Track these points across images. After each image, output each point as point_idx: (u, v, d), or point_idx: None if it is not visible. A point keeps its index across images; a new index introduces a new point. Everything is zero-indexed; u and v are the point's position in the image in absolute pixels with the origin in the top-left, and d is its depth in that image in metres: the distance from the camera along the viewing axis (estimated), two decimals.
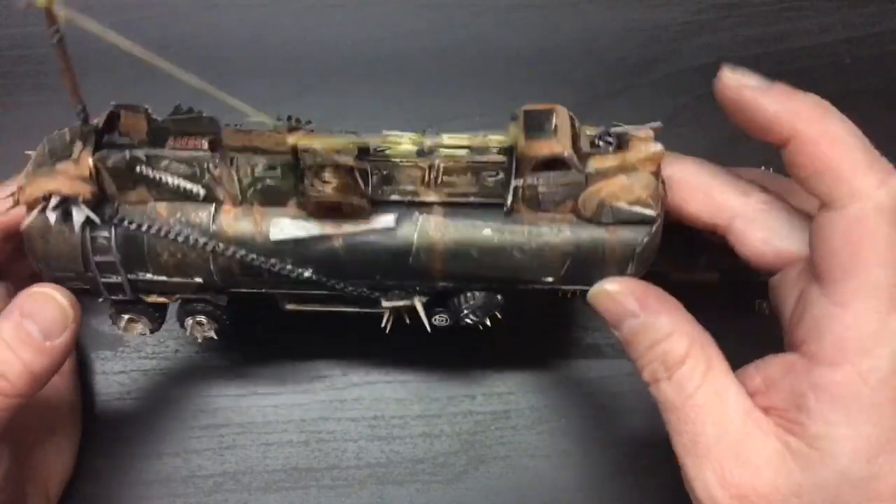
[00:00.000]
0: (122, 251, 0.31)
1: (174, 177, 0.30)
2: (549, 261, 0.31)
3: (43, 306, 0.31)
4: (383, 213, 0.31)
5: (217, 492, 0.40)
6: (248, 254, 0.31)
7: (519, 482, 0.41)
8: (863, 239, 0.26)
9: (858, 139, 0.27)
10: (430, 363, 0.43)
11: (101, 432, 0.41)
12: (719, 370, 0.29)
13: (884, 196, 0.26)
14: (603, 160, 0.30)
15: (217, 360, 0.43)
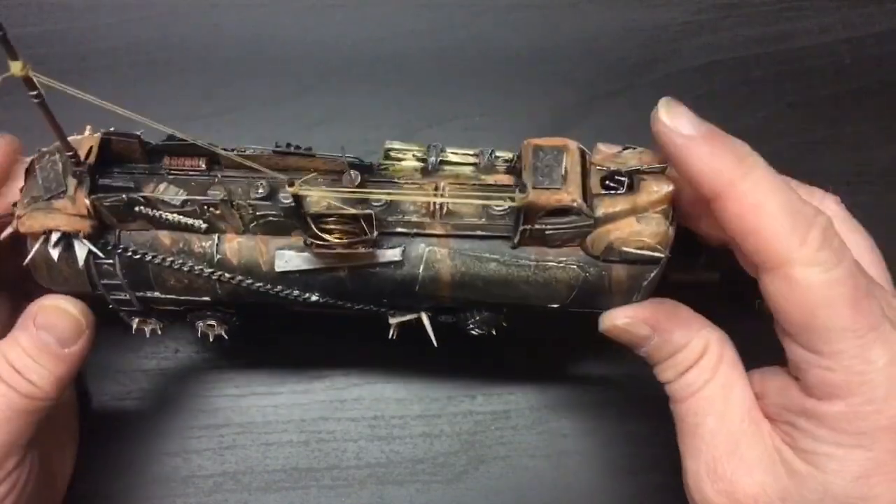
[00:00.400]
0: (128, 276, 0.31)
1: (175, 214, 0.30)
2: (555, 291, 0.31)
3: (56, 319, 0.32)
4: (389, 246, 0.30)
5: (217, 492, 0.40)
6: (253, 282, 0.31)
7: (519, 482, 0.41)
8: (801, 295, 0.27)
9: (778, 199, 0.27)
10: (430, 363, 0.43)
11: (101, 432, 0.41)
12: (729, 366, 0.30)
13: (806, 254, 0.26)
14: (613, 203, 0.29)
15: (217, 360, 0.43)
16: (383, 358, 0.43)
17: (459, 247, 0.30)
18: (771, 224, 0.27)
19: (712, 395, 0.30)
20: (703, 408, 0.30)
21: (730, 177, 0.27)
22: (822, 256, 0.26)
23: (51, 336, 0.31)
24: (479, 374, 0.43)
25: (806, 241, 0.26)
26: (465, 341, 0.43)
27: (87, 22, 0.48)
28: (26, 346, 0.31)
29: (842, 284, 0.27)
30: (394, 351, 0.43)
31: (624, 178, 0.29)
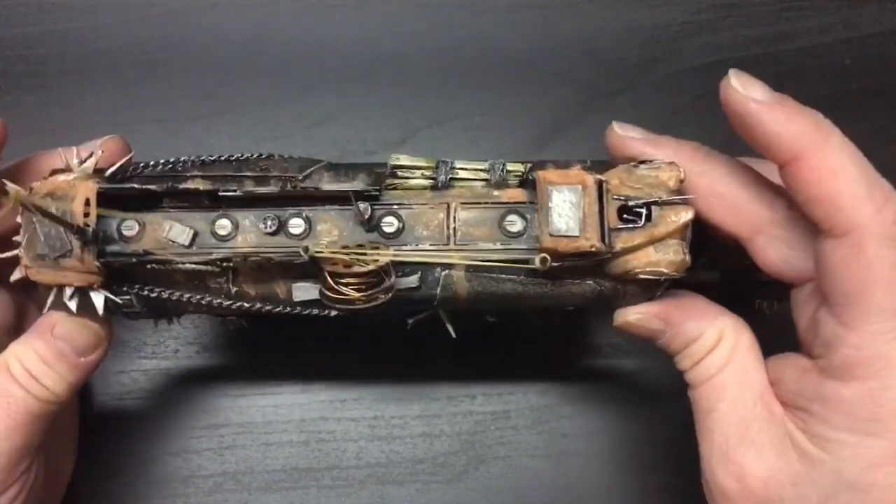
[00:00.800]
0: (147, 306, 0.31)
1: (190, 264, 0.29)
2: (570, 301, 0.32)
3: (76, 333, 0.32)
4: (405, 274, 0.30)
5: (217, 492, 0.40)
6: (273, 307, 0.31)
7: (519, 482, 0.41)
8: (862, 266, 0.27)
9: (857, 165, 0.27)
10: (430, 363, 0.43)
11: (101, 432, 0.41)
12: (744, 352, 0.30)
13: (880, 223, 0.26)
14: (631, 238, 0.29)
15: (217, 360, 0.43)
16: (384, 358, 0.43)
17: (476, 271, 0.30)
18: (849, 188, 0.26)
19: (725, 380, 0.30)
20: (716, 393, 0.30)
21: (809, 139, 0.27)
22: (893, 231, 0.26)
23: (68, 346, 0.32)
24: (479, 374, 0.43)
25: (882, 212, 0.26)
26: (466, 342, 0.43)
27: (87, 22, 0.48)
28: (43, 354, 0.31)
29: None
30: (394, 351, 0.43)
31: (641, 210, 0.29)
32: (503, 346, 0.43)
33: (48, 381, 0.32)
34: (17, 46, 0.48)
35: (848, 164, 0.27)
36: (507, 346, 0.43)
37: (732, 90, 0.28)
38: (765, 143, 0.28)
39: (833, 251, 0.27)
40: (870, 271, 0.26)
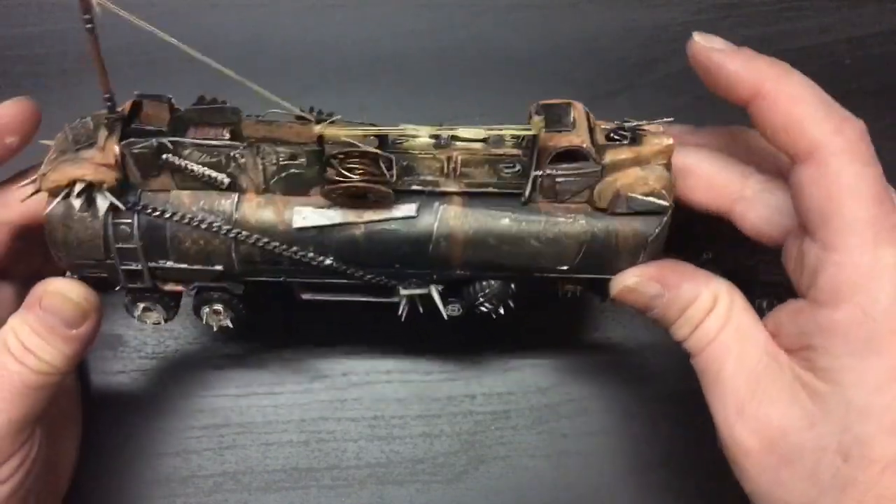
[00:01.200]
0: (145, 238, 0.31)
1: (199, 165, 0.30)
2: (564, 249, 0.32)
3: (60, 305, 0.32)
4: (405, 202, 0.31)
5: (217, 492, 0.40)
6: (270, 241, 0.31)
7: (519, 482, 0.41)
8: (830, 182, 0.27)
9: (814, 93, 0.28)
10: (430, 363, 0.43)
11: (101, 432, 0.41)
12: (741, 311, 0.31)
13: (841, 141, 0.27)
14: (618, 153, 0.31)
15: (217, 360, 0.43)
16: (383, 358, 0.43)
17: (472, 204, 0.31)
18: (808, 112, 0.28)
19: (728, 340, 0.30)
20: (720, 354, 0.30)
21: (767, 75, 0.29)
22: (857, 147, 0.27)
23: (55, 318, 0.32)
24: (479, 374, 0.43)
25: (842, 132, 0.27)
26: (466, 342, 0.43)
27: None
28: (35, 327, 0.32)
29: (869, 181, 0.27)
30: (394, 351, 0.43)
31: (627, 133, 0.31)
32: (504, 347, 0.43)
33: (44, 354, 0.31)
34: (17, 46, 0.48)
35: (805, 92, 0.28)
36: (508, 348, 0.43)
37: (696, 44, 0.30)
38: (729, 86, 0.29)
39: (802, 174, 0.28)
40: (837, 185, 0.27)
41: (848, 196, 0.27)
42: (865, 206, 0.27)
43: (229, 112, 0.31)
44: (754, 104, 0.29)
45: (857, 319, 0.27)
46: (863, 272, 0.27)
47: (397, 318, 0.43)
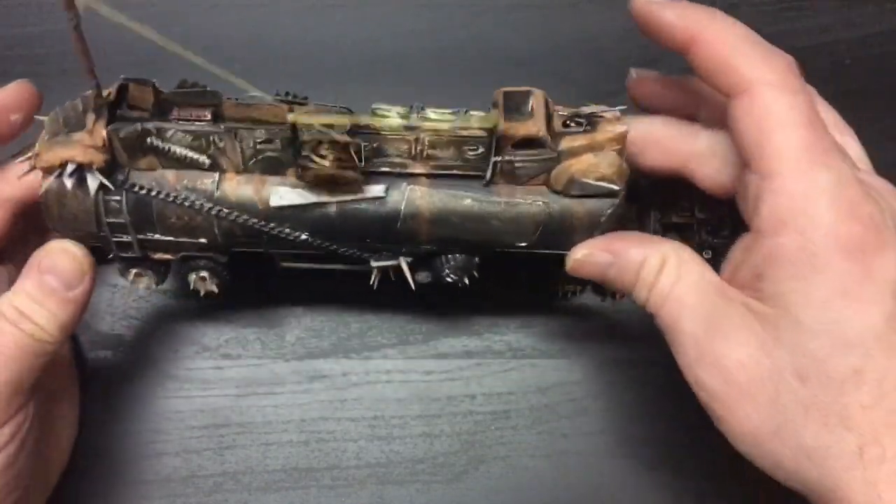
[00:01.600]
0: (133, 214, 0.33)
1: (182, 147, 0.32)
2: (523, 227, 0.34)
3: (60, 259, 0.33)
4: (374, 183, 0.33)
5: (217, 492, 0.40)
6: (249, 218, 0.33)
7: (519, 482, 0.41)
8: (762, 113, 0.29)
9: (743, 34, 0.30)
10: (430, 363, 0.43)
11: (100, 432, 0.41)
12: (690, 264, 0.32)
13: (770, 74, 0.29)
14: (573, 140, 0.33)
15: (217, 359, 0.43)
16: (383, 358, 0.43)
17: (438, 185, 0.34)
18: (739, 50, 0.30)
19: (681, 293, 0.31)
20: (676, 308, 0.31)
21: (700, 21, 0.31)
22: (786, 79, 0.29)
23: (55, 279, 0.33)
24: (479, 374, 0.43)
25: (772, 67, 0.29)
26: (466, 341, 0.43)
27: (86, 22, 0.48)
28: (31, 291, 0.33)
29: (800, 107, 0.29)
30: (394, 351, 0.43)
31: (583, 120, 0.34)
32: (503, 346, 0.43)
33: (38, 318, 0.32)
34: (17, 46, 0.48)
35: (733, 33, 0.30)
36: (507, 347, 0.43)
37: (635, 3, 0.32)
38: (666, 35, 0.31)
39: (736, 109, 0.30)
40: (769, 116, 0.29)
41: (779, 124, 0.29)
42: (797, 133, 0.28)
43: (210, 95, 0.33)
44: (690, 51, 0.31)
45: (798, 243, 0.28)
46: (799, 196, 0.28)
47: (398, 318, 0.44)
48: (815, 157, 0.28)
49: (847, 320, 0.28)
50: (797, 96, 0.29)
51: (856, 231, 0.28)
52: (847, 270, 0.28)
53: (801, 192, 0.28)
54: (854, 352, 0.27)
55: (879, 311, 0.28)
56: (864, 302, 0.28)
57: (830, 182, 0.28)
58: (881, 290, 0.28)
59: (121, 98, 0.33)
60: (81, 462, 0.40)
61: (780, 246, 0.29)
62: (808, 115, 0.29)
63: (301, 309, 0.44)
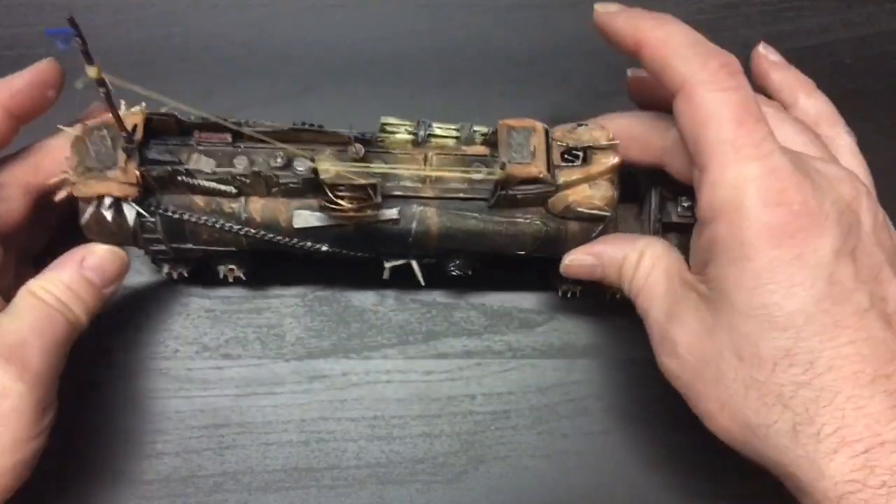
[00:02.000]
0: (167, 231, 0.36)
1: (209, 182, 0.35)
2: (522, 241, 0.38)
3: (108, 261, 0.36)
4: (388, 206, 0.36)
5: (217, 492, 0.40)
6: (274, 236, 0.37)
7: (519, 482, 0.41)
8: (694, 110, 0.31)
9: (685, 38, 0.32)
10: (430, 363, 0.43)
11: (100, 432, 0.41)
12: (661, 254, 0.35)
13: (703, 73, 0.31)
14: (570, 174, 0.36)
15: (217, 359, 0.43)
16: (383, 358, 0.43)
17: (445, 206, 0.37)
18: (677, 52, 0.32)
19: (653, 283, 0.34)
20: (650, 293, 0.34)
21: (645, 26, 0.33)
22: (719, 76, 0.31)
23: (96, 275, 0.36)
24: (479, 374, 0.43)
25: (706, 66, 0.31)
26: (466, 341, 0.43)
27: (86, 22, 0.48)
28: (69, 283, 0.35)
29: (731, 103, 0.30)
30: (394, 351, 0.43)
31: (579, 153, 0.36)
32: (503, 346, 0.43)
33: (76, 308, 0.35)
34: (17, 46, 0.48)
35: (674, 36, 0.32)
36: (507, 347, 0.43)
37: (595, 13, 0.35)
38: (618, 41, 0.34)
39: (676, 107, 0.32)
40: (700, 111, 0.31)
41: (709, 119, 0.30)
42: (726, 127, 0.30)
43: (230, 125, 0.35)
44: (639, 54, 0.33)
45: (730, 230, 0.30)
46: (728, 187, 0.30)
47: (398, 318, 0.44)
48: (744, 149, 0.30)
49: (775, 304, 0.29)
50: (728, 93, 0.30)
51: (783, 218, 0.29)
52: (775, 256, 0.29)
53: (730, 183, 0.30)
54: (784, 334, 0.29)
55: (808, 294, 0.29)
56: (792, 286, 0.29)
57: (757, 172, 0.30)
58: (811, 273, 0.29)
59: (145, 129, 0.35)
60: (81, 462, 0.40)
61: (716, 233, 0.31)
62: (739, 109, 0.30)
63: (301, 309, 0.44)
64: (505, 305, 0.44)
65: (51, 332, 0.34)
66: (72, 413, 0.37)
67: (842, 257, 0.29)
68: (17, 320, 0.33)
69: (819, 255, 0.29)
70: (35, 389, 0.32)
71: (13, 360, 0.32)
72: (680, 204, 0.39)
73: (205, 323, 0.43)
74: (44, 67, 0.37)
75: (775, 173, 0.30)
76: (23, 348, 0.33)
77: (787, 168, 0.30)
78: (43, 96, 0.37)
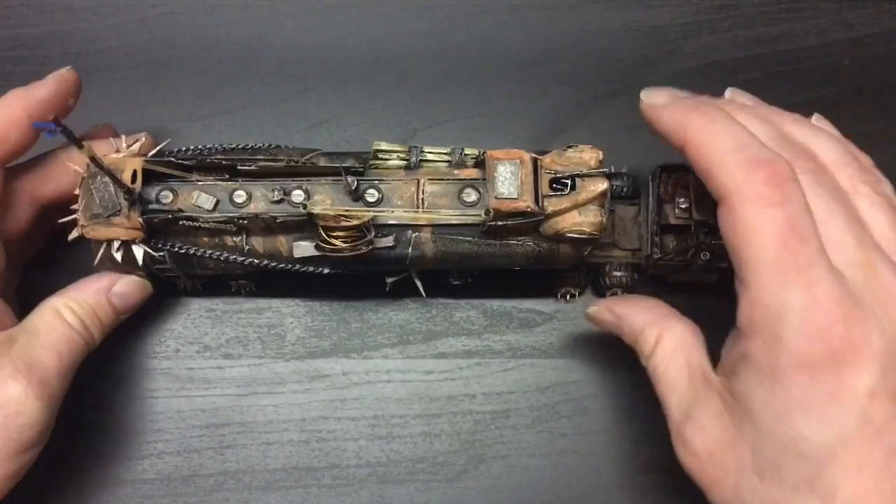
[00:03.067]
0: (176, 263, 0.38)
1: (211, 223, 0.36)
2: (515, 259, 0.39)
3: (137, 291, 0.38)
4: (384, 234, 0.37)
5: (218, 491, 0.40)
6: (277, 264, 0.38)
7: (519, 481, 0.41)
8: (736, 226, 0.30)
9: (734, 140, 0.31)
10: (430, 363, 0.43)
11: (101, 431, 0.41)
12: (685, 343, 0.34)
13: (750, 186, 0.29)
14: (559, 203, 0.36)
15: (217, 359, 0.43)
16: (384, 358, 0.43)
17: (439, 232, 0.37)
18: (722, 160, 0.30)
19: (671, 371, 0.34)
20: (668, 386, 0.34)
21: (691, 125, 0.32)
22: (763, 192, 0.29)
23: (121, 302, 0.37)
24: (479, 374, 0.43)
25: (750, 179, 0.29)
26: (466, 341, 0.43)
27: (87, 23, 0.48)
28: (94, 306, 0.36)
29: (776, 221, 0.29)
30: (394, 351, 0.43)
31: (567, 181, 0.36)
32: (502, 346, 0.44)
33: (94, 331, 0.36)
34: (18, 47, 0.48)
35: (721, 138, 0.31)
36: (507, 347, 0.44)
37: (641, 103, 0.34)
38: (666, 137, 0.33)
39: (720, 217, 0.31)
40: (744, 227, 0.29)
41: (751, 238, 0.29)
42: (770, 248, 0.29)
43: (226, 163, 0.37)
44: (684, 152, 0.32)
45: (764, 352, 0.29)
46: (769, 311, 0.29)
47: (398, 318, 0.44)
48: (787, 273, 0.28)
49: (801, 435, 0.28)
50: (773, 209, 0.29)
51: (822, 352, 0.28)
52: (807, 388, 0.28)
53: (771, 308, 0.29)
54: (807, 463, 0.28)
55: (836, 431, 0.28)
56: (821, 420, 0.28)
57: (800, 302, 0.28)
58: (843, 411, 0.28)
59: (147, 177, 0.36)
60: (82, 462, 0.40)
61: (750, 350, 0.30)
62: (784, 227, 0.29)
63: (301, 309, 0.44)
64: (505, 305, 0.44)
65: (69, 355, 0.35)
66: (73, 412, 0.37)
67: (879, 397, 0.28)
68: (37, 339, 0.34)
69: (855, 393, 0.28)
70: (49, 407, 0.34)
71: (34, 379, 0.33)
72: (677, 206, 0.39)
73: (206, 322, 0.43)
74: (66, 76, 0.38)
75: (820, 306, 0.28)
76: (44, 368, 0.34)
77: (832, 299, 0.28)
78: (64, 105, 0.37)
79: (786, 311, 0.28)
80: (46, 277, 0.40)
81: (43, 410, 0.33)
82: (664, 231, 0.39)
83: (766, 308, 0.29)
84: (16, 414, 0.32)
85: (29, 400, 0.33)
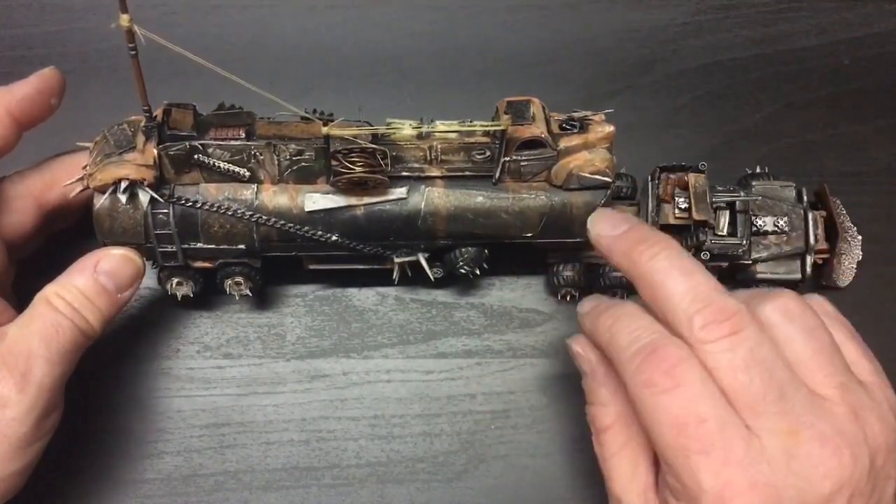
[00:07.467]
0: (179, 224, 0.37)
1: (224, 162, 0.36)
2: (528, 219, 0.38)
3: (122, 266, 0.36)
4: (396, 186, 0.37)
5: (218, 490, 0.41)
6: (285, 223, 0.37)
7: (519, 481, 0.41)
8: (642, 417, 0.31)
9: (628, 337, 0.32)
10: (430, 362, 0.43)
11: (102, 431, 0.41)
12: (635, 448, 0.33)
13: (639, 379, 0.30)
14: (570, 140, 0.37)
15: (218, 359, 0.43)
16: (384, 357, 0.43)
17: (452, 186, 0.38)
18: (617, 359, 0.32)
19: (618, 467, 0.34)
20: (612, 476, 0.34)
21: (599, 331, 0.34)
22: (654, 380, 0.30)
23: (110, 280, 0.36)
24: (479, 374, 0.43)
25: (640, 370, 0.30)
26: (466, 341, 0.43)
27: (87, 22, 0.48)
28: (84, 289, 0.35)
29: (669, 409, 0.29)
30: (394, 350, 0.43)
31: (576, 122, 0.38)
32: (502, 345, 0.44)
33: (88, 315, 0.35)
34: (18, 47, 0.48)
35: (620, 339, 0.32)
36: (507, 347, 0.44)
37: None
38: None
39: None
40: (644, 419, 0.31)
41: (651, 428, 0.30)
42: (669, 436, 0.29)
43: (245, 115, 0.36)
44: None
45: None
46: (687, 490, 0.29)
47: (398, 318, 0.44)
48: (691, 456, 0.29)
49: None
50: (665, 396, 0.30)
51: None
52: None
53: (689, 487, 0.29)
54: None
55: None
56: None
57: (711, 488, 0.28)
58: None
59: (165, 120, 0.35)
60: (84, 460, 0.40)
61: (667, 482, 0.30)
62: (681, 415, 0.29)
63: (301, 309, 0.44)
64: (505, 305, 0.44)
65: (57, 341, 0.34)
66: (74, 412, 0.37)
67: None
68: (25, 329, 0.34)
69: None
70: (37, 398, 0.33)
71: (15, 370, 0.33)
72: (677, 206, 0.39)
73: (206, 322, 0.43)
74: (48, 75, 0.37)
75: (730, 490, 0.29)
76: (27, 358, 0.33)
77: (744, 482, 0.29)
78: (46, 104, 0.37)
79: (701, 495, 0.29)
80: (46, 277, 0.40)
81: (29, 402, 0.33)
82: (664, 231, 0.40)
83: (685, 486, 0.29)
84: (2, 408, 0.32)
85: (9, 390, 0.32)
